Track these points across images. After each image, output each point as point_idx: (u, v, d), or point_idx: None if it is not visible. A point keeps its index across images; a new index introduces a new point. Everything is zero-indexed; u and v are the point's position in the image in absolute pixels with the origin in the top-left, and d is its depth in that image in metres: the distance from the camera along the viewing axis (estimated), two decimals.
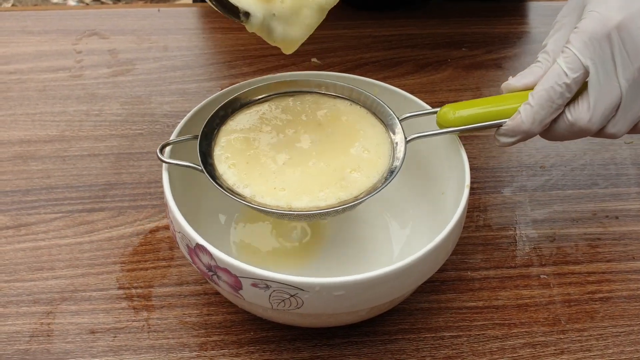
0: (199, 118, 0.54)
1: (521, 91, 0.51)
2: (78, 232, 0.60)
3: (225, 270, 0.45)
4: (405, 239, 0.59)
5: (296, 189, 0.50)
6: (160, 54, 0.79)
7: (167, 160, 0.51)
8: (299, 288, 0.44)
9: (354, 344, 0.53)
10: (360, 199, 0.49)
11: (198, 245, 0.46)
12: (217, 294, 0.56)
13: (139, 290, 0.56)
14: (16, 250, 0.58)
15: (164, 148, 0.51)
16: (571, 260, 0.59)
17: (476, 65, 0.79)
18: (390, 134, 0.53)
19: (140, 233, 0.60)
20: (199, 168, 0.50)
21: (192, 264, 0.49)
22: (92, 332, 0.53)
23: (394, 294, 0.48)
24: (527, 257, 0.59)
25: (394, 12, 0.85)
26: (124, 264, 0.58)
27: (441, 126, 0.53)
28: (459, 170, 0.53)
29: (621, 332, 0.54)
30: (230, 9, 0.47)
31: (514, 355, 0.53)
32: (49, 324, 0.53)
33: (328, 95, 0.56)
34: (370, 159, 0.51)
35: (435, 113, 0.53)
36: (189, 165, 0.50)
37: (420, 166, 0.59)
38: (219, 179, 0.50)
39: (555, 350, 0.53)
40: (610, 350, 0.53)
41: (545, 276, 0.58)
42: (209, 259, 0.46)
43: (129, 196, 0.63)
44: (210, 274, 0.47)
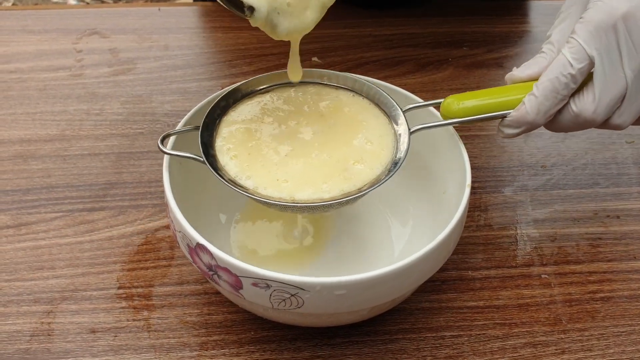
0: (202, 115, 0.53)
1: (526, 82, 0.51)
2: (78, 232, 0.60)
3: (226, 269, 0.45)
4: (406, 239, 0.58)
5: (299, 180, 0.49)
6: (161, 53, 0.78)
7: (168, 151, 0.50)
8: (299, 287, 0.44)
9: (355, 343, 0.53)
10: (363, 190, 0.48)
11: (198, 245, 0.46)
12: (218, 293, 0.56)
13: (140, 290, 0.56)
14: (16, 250, 0.58)
15: (165, 139, 0.51)
16: (572, 260, 0.59)
17: (477, 64, 0.78)
18: (394, 125, 0.52)
19: (141, 232, 0.60)
20: (201, 159, 0.49)
21: (193, 264, 0.49)
22: (93, 332, 0.53)
23: (394, 293, 0.47)
24: (528, 257, 0.59)
25: (395, 11, 0.85)
26: (124, 263, 0.58)
27: (445, 117, 0.52)
28: (460, 170, 0.52)
29: (622, 332, 0.54)
30: (235, 3, 0.47)
31: (515, 355, 0.53)
32: (49, 323, 0.53)
33: (330, 86, 0.55)
34: (373, 151, 0.51)
35: (439, 104, 0.53)
36: (190, 157, 0.50)
37: (421, 165, 0.59)
38: (221, 170, 0.50)
39: (556, 350, 0.53)
40: (612, 350, 0.53)
41: (546, 276, 0.58)
42: (209, 258, 0.46)
43: (129, 195, 0.63)
44: (210, 273, 0.47)
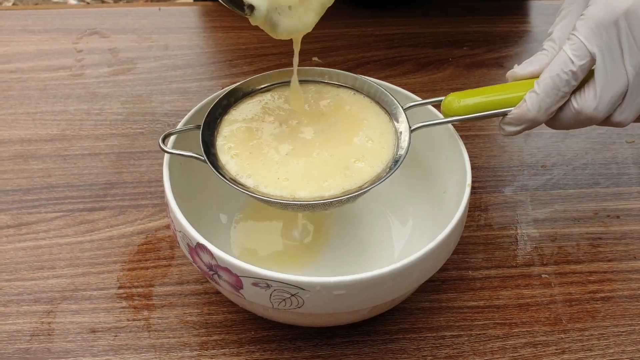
0: (203, 114, 0.53)
1: (527, 79, 0.51)
2: (79, 231, 0.60)
3: (226, 269, 0.45)
4: (407, 238, 0.58)
5: (300, 179, 0.49)
6: (161, 53, 0.78)
7: (169, 150, 0.50)
8: (299, 287, 0.44)
9: (355, 343, 0.53)
10: (364, 188, 0.49)
11: (199, 245, 0.46)
12: (218, 293, 0.55)
13: (140, 290, 0.56)
14: (17, 250, 0.58)
15: (166, 138, 0.51)
16: (572, 260, 0.59)
17: (477, 64, 0.78)
18: (395, 123, 0.52)
19: (141, 232, 0.60)
20: (202, 158, 0.49)
21: (193, 263, 0.49)
22: (93, 331, 0.53)
23: (394, 293, 0.47)
24: (529, 257, 0.59)
25: (396, 11, 0.85)
26: (124, 263, 0.58)
27: (446, 115, 0.52)
28: (460, 170, 0.52)
29: (622, 332, 0.54)
30: (235, 2, 0.47)
31: (515, 354, 0.53)
32: (49, 323, 0.53)
33: (331, 85, 0.55)
34: (374, 149, 0.51)
35: (440, 102, 0.53)
36: (191, 156, 0.50)
37: (421, 165, 0.59)
38: (222, 169, 0.50)
39: (556, 349, 0.53)
40: (612, 350, 0.53)
41: (546, 275, 0.58)
42: (209, 258, 0.46)
43: (129, 195, 0.63)
44: (211, 273, 0.47)
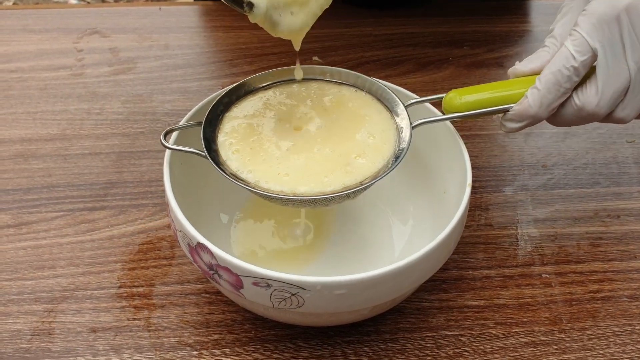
0: (204, 113, 0.53)
1: (528, 76, 0.51)
2: (79, 231, 0.60)
3: (226, 269, 0.45)
4: (407, 238, 0.58)
5: (300, 174, 0.49)
6: (161, 53, 0.78)
7: (171, 146, 0.50)
8: (300, 287, 0.44)
9: (356, 342, 0.53)
10: (365, 184, 0.49)
11: (199, 244, 0.46)
12: (218, 292, 0.56)
13: (140, 289, 0.56)
14: (17, 249, 0.58)
15: (167, 135, 0.51)
16: (573, 260, 0.59)
17: (478, 63, 0.78)
18: (396, 120, 0.53)
19: (142, 232, 0.60)
20: (203, 154, 0.50)
21: (193, 263, 0.49)
22: (93, 331, 0.53)
23: (395, 292, 0.47)
24: (529, 256, 0.59)
25: (395, 11, 0.85)
26: (125, 262, 0.58)
27: (447, 111, 0.52)
28: (461, 169, 0.52)
29: (623, 332, 0.54)
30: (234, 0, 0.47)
31: (516, 354, 0.53)
32: (50, 322, 0.53)
33: (333, 82, 0.56)
34: (375, 145, 0.51)
35: (441, 99, 0.53)
36: (192, 151, 0.50)
37: (422, 165, 0.59)
38: (223, 165, 0.50)
39: (556, 349, 0.53)
40: (612, 350, 0.53)
41: (546, 275, 0.58)
42: (210, 257, 0.46)
43: (130, 195, 0.63)
44: (211, 272, 0.47)
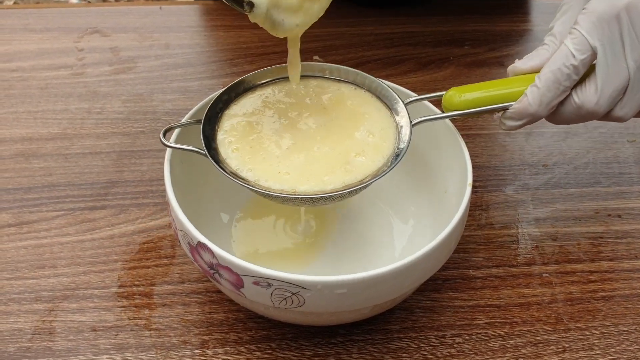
0: (204, 112, 0.53)
1: (528, 74, 0.51)
2: (80, 230, 0.60)
3: (227, 268, 0.45)
4: (408, 237, 0.58)
5: (301, 173, 0.49)
6: (162, 52, 0.78)
7: (170, 144, 0.50)
8: (300, 286, 0.44)
9: (356, 342, 0.53)
10: (365, 182, 0.49)
11: (200, 244, 0.46)
12: (219, 292, 0.56)
13: (141, 288, 0.56)
14: (18, 248, 0.58)
15: (167, 132, 0.51)
16: (573, 259, 0.59)
17: (478, 63, 0.78)
18: (395, 118, 0.53)
19: (142, 231, 0.60)
20: (203, 152, 0.50)
21: (194, 262, 0.49)
22: (94, 330, 0.53)
23: (396, 292, 0.47)
24: (530, 256, 0.59)
25: (396, 10, 0.85)
26: (125, 262, 0.58)
27: (447, 109, 0.52)
28: (461, 169, 0.52)
29: (623, 331, 0.54)
30: None
31: (516, 353, 0.53)
32: (50, 321, 0.54)
33: (332, 80, 0.56)
34: (375, 143, 0.51)
35: (441, 97, 0.53)
36: (192, 150, 0.50)
37: (422, 164, 0.59)
38: (222, 163, 0.50)
39: (557, 349, 0.53)
40: (613, 349, 0.53)
41: (547, 275, 0.58)
42: (210, 257, 0.46)
43: (130, 194, 0.63)
44: (211, 272, 0.47)
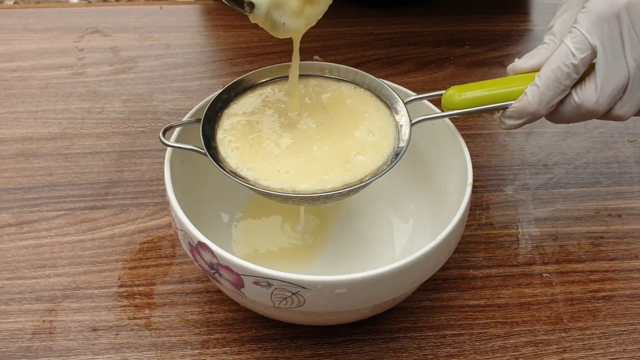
0: (204, 111, 0.53)
1: (527, 73, 0.51)
2: (80, 230, 0.60)
3: (227, 268, 0.45)
4: (408, 237, 0.58)
5: (300, 172, 0.49)
6: (162, 52, 0.78)
7: (170, 143, 0.50)
8: (300, 286, 0.44)
9: (356, 342, 0.53)
10: (365, 181, 0.49)
11: (200, 243, 0.46)
12: (219, 291, 0.56)
13: (141, 288, 0.56)
14: (18, 248, 0.58)
15: (166, 131, 0.50)
16: (574, 259, 0.59)
17: (478, 62, 0.78)
18: (395, 117, 0.53)
19: (142, 231, 0.60)
20: (202, 151, 0.50)
21: (194, 262, 0.49)
22: (94, 330, 0.53)
23: (396, 292, 0.47)
24: (530, 256, 0.59)
25: (396, 10, 0.85)
26: (125, 261, 0.58)
27: (447, 108, 0.52)
28: (462, 168, 0.52)
29: (624, 331, 0.54)
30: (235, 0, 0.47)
31: (516, 353, 0.53)
32: (51, 321, 0.54)
33: (332, 79, 0.56)
34: (375, 142, 0.51)
35: (441, 96, 0.53)
36: (191, 149, 0.50)
37: (422, 164, 0.59)
38: (222, 162, 0.50)
39: (557, 348, 0.53)
40: (613, 349, 0.53)
41: (547, 274, 0.58)
42: (210, 256, 0.46)
43: (131, 194, 0.63)
44: (212, 271, 0.47)
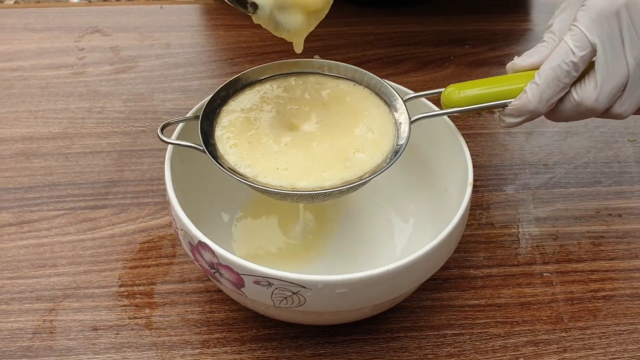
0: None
1: (527, 71, 0.51)
2: (80, 230, 0.60)
3: (228, 267, 0.45)
4: (408, 237, 0.58)
5: (299, 169, 0.49)
6: (162, 51, 0.78)
7: (168, 140, 0.50)
8: (301, 286, 0.44)
9: (357, 341, 0.53)
10: (364, 179, 0.49)
11: (200, 243, 0.46)
12: (219, 291, 0.56)
13: (141, 288, 0.56)
14: (19, 247, 0.58)
15: (165, 128, 0.50)
16: (574, 259, 0.59)
17: (479, 62, 0.78)
18: (394, 115, 0.53)
19: (143, 230, 0.60)
20: (201, 148, 0.49)
21: (195, 262, 0.49)
22: (95, 329, 0.53)
23: (396, 291, 0.47)
24: (530, 255, 0.59)
25: (396, 9, 0.85)
26: (126, 261, 0.58)
27: (446, 106, 0.52)
28: (462, 168, 0.52)
29: (624, 331, 0.54)
30: (238, 0, 0.47)
31: (517, 353, 0.53)
32: (51, 321, 0.54)
33: (331, 76, 0.56)
34: (374, 140, 0.51)
35: (440, 94, 0.52)
36: (190, 146, 0.50)
37: (423, 163, 0.59)
38: (221, 159, 0.50)
39: (557, 348, 0.53)
40: (613, 349, 0.53)
41: (548, 274, 0.58)
42: (211, 256, 0.46)
43: (131, 193, 0.63)
44: (212, 271, 0.47)
